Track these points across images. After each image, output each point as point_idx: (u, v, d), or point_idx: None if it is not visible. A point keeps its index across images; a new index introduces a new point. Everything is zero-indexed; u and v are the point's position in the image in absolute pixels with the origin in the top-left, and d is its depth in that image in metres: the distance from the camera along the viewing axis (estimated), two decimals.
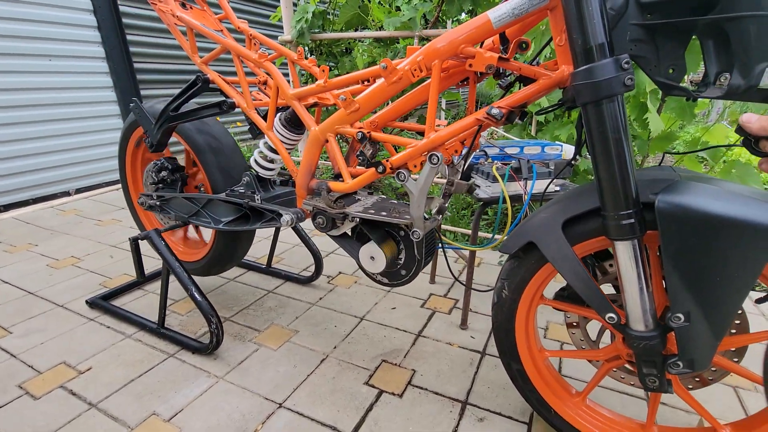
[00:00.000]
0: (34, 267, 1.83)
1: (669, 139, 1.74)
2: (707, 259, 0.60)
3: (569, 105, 0.70)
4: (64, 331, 1.35)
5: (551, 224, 0.74)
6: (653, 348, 0.67)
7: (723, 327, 0.63)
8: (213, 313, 1.15)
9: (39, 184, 2.74)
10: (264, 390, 1.09)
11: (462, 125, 0.74)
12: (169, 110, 1.08)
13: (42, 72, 2.65)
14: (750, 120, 0.56)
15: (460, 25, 0.72)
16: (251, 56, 0.97)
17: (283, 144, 1.05)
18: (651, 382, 0.70)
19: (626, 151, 0.62)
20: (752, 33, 0.51)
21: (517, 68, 0.71)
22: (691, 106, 1.51)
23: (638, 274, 0.65)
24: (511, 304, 0.86)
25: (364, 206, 1.00)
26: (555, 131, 1.73)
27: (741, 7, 0.51)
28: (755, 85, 0.52)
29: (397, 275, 1.04)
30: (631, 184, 0.63)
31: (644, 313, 0.67)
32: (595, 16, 0.59)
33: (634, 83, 0.59)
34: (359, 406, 1.04)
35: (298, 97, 0.94)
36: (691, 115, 1.51)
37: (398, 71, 0.76)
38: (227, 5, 1.19)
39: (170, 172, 1.26)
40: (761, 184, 1.44)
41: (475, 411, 1.02)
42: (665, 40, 0.61)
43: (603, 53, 0.59)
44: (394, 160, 0.81)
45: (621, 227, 0.64)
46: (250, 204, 1.08)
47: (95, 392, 1.09)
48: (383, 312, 1.47)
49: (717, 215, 0.58)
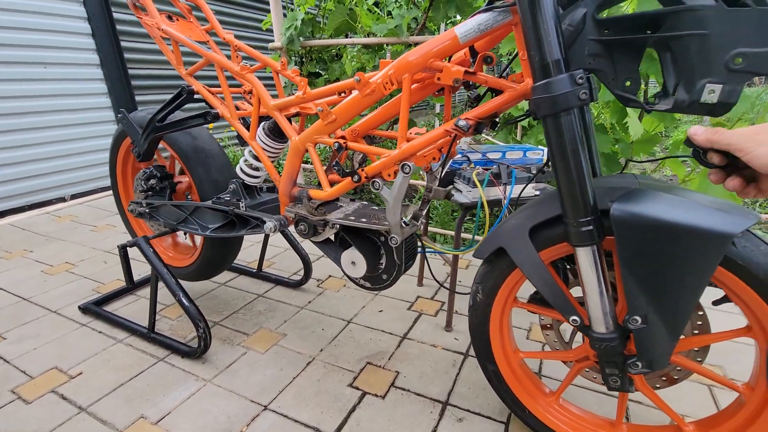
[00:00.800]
0: (28, 273, 1.86)
1: (652, 141, 1.77)
2: (660, 263, 0.63)
3: (534, 116, 0.72)
4: (57, 337, 1.38)
5: (519, 230, 0.77)
6: (614, 349, 0.70)
7: (678, 328, 0.66)
8: (200, 318, 1.18)
9: (35, 190, 2.77)
10: (250, 392, 1.12)
11: (432, 136, 0.77)
12: (155, 121, 1.11)
13: (37, 79, 2.68)
14: (696, 132, 0.58)
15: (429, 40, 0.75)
16: (233, 68, 1.00)
17: (267, 152, 1.08)
18: (613, 381, 0.72)
19: (583, 162, 0.65)
20: (693, 51, 0.54)
21: (483, 81, 0.74)
22: None
23: (598, 278, 0.68)
24: (485, 308, 0.89)
25: (344, 213, 1.03)
26: (539, 135, 1.76)
27: (683, 27, 0.54)
28: (697, 100, 0.55)
29: (379, 279, 1.07)
30: (589, 193, 0.66)
31: (605, 315, 0.69)
32: (551, 34, 0.62)
33: (589, 96, 0.62)
34: (342, 407, 1.07)
35: (279, 107, 0.97)
36: (672, 119, 1.54)
37: (371, 84, 0.79)
38: (213, 17, 1.22)
39: (159, 180, 1.29)
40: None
41: (455, 411, 1.05)
42: (621, 54, 0.64)
43: (559, 69, 0.62)
44: (368, 170, 0.84)
45: (581, 234, 0.67)
46: (235, 211, 1.11)
47: (85, 396, 1.11)
48: (371, 315, 1.49)
49: (668, 222, 0.61)
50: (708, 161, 0.58)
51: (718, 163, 0.57)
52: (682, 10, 0.54)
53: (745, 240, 0.63)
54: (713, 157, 0.57)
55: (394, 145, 0.84)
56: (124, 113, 1.20)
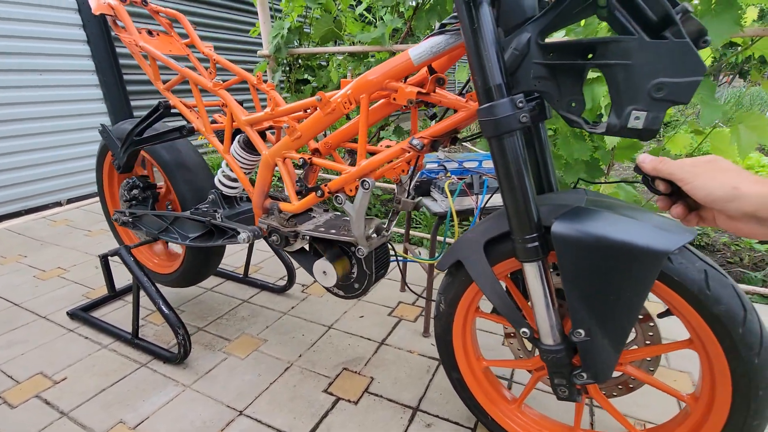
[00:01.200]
0: (21, 279, 1.90)
1: (634, 148, 1.79)
2: (599, 279, 0.65)
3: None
4: (44, 342, 1.42)
5: (475, 245, 0.79)
6: (560, 360, 0.72)
7: (621, 341, 0.69)
8: (180, 325, 1.21)
9: (31, 195, 2.82)
10: (227, 398, 1.15)
11: (389, 154, 0.80)
12: (133, 134, 1.14)
13: (33, 86, 2.73)
14: (644, 160, 0.59)
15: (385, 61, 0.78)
16: (206, 83, 1.03)
17: (242, 165, 1.11)
18: (562, 391, 0.75)
19: (526, 181, 0.68)
20: (621, 79, 0.56)
21: (438, 101, 0.77)
22: None
23: (544, 292, 0.71)
24: (448, 317, 0.92)
25: (315, 224, 1.06)
26: None
27: (611, 56, 0.57)
28: (625, 125, 0.57)
29: (351, 288, 1.10)
30: (533, 211, 0.68)
31: (551, 328, 0.72)
32: (492, 60, 0.64)
33: (530, 120, 0.65)
34: (315, 413, 1.10)
35: (250, 122, 1.00)
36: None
37: (331, 103, 0.81)
38: (193, 32, 1.25)
39: (141, 190, 1.32)
40: None
41: (425, 417, 1.08)
42: (565, 77, 0.67)
43: (501, 93, 0.65)
44: (331, 185, 0.87)
45: (526, 250, 0.69)
46: (211, 222, 1.14)
47: (68, 401, 1.15)
48: (351, 320, 1.52)
49: (605, 240, 0.63)
50: (655, 188, 0.59)
51: (664, 191, 0.57)
52: (610, 40, 0.57)
53: (682, 256, 0.66)
54: (659, 184, 0.57)
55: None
56: (104, 127, 1.23)
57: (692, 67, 0.51)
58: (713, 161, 0.53)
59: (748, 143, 1.36)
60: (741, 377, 0.65)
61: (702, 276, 0.64)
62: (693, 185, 0.52)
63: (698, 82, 0.51)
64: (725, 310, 0.63)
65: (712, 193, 0.50)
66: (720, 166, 0.52)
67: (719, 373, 0.67)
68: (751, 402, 0.65)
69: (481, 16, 0.63)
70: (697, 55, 0.50)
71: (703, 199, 0.52)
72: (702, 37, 0.57)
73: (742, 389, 0.65)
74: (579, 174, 1.71)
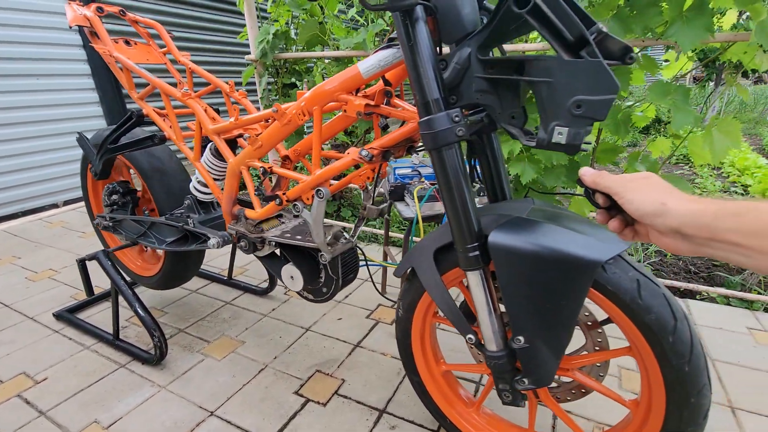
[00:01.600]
0: (13, 280, 1.95)
1: (615, 151, 1.80)
2: (535, 288, 0.67)
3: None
4: (30, 343, 1.46)
5: (426, 252, 0.81)
6: (503, 366, 0.74)
7: (560, 348, 0.70)
8: (155, 327, 1.24)
9: (29, 197, 2.88)
10: (200, 399, 1.18)
11: (340, 165, 0.82)
12: (107, 142, 1.17)
13: (30, 91, 2.78)
14: (585, 173, 0.60)
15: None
16: (176, 94, 1.06)
17: (214, 172, 1.14)
18: (505, 396, 0.77)
19: (466, 192, 0.69)
20: (545, 96, 0.58)
21: (387, 112, 0.79)
22: (625, 122, 1.57)
23: (486, 300, 0.73)
24: (406, 322, 0.94)
25: (282, 230, 1.08)
26: (505, 148, 1.79)
27: (535, 74, 0.59)
28: (550, 140, 0.59)
29: (320, 292, 1.13)
30: (473, 221, 0.70)
31: (494, 334, 0.74)
32: (429, 75, 0.66)
33: (466, 134, 0.67)
34: (284, 414, 1.12)
35: (218, 131, 1.03)
36: (626, 131, 1.57)
37: (287, 114, 0.84)
38: (170, 41, 1.28)
39: (121, 195, 1.36)
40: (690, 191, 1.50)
41: (390, 419, 1.10)
42: (505, 91, 0.69)
43: (438, 107, 0.67)
44: (289, 194, 0.90)
45: (467, 259, 0.71)
46: (184, 227, 1.17)
47: (47, 401, 1.18)
48: (329, 323, 1.55)
49: (538, 251, 0.65)
50: (595, 201, 0.61)
51: (603, 204, 0.58)
52: (533, 59, 0.58)
53: (616, 266, 0.67)
54: (599, 198, 0.58)
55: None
56: (81, 135, 1.27)
57: (606, 86, 0.53)
58: (648, 178, 0.54)
59: (721, 147, 1.37)
60: (673, 384, 0.66)
61: (634, 285, 0.66)
62: (626, 199, 0.53)
63: (612, 100, 0.53)
64: (656, 319, 0.64)
65: (642, 207, 0.51)
66: (652, 183, 0.53)
67: (654, 380, 0.68)
68: (684, 409, 0.66)
69: (417, 33, 0.65)
70: (610, 74, 0.52)
71: (635, 212, 0.53)
72: (627, 54, 0.59)
73: (674, 396, 0.67)
74: (560, 178, 1.72)
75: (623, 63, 0.61)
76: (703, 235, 0.46)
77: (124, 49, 1.22)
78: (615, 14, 1.32)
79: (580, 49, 0.54)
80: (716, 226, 0.44)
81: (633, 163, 1.66)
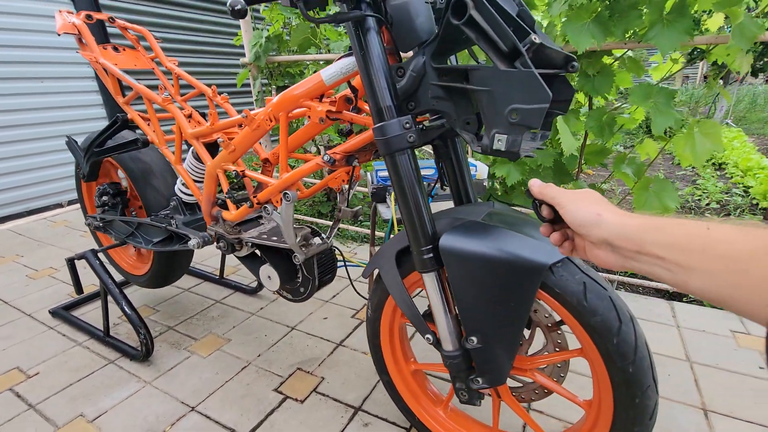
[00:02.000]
0: (14, 278, 2.01)
1: (603, 153, 1.80)
2: (485, 290, 0.69)
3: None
4: (25, 339, 1.51)
5: (388, 255, 0.84)
6: (458, 366, 0.76)
7: (511, 348, 0.72)
8: (141, 325, 1.28)
9: (34, 197, 2.96)
10: (182, 394, 1.22)
11: (305, 169, 0.85)
12: (93, 146, 1.22)
13: (34, 93, 2.85)
14: (533, 185, 0.61)
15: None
16: (157, 99, 1.10)
17: (195, 175, 1.17)
18: (462, 395, 0.79)
19: (420, 196, 0.71)
20: (485, 104, 0.60)
21: (349, 118, 0.81)
22: (610, 125, 1.57)
23: (441, 301, 0.74)
24: (375, 322, 0.96)
25: (260, 231, 1.11)
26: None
27: (476, 83, 0.60)
28: (491, 146, 0.60)
29: (297, 292, 1.15)
30: (426, 224, 0.72)
31: (450, 334, 0.76)
32: (381, 83, 0.68)
33: (417, 140, 0.69)
34: (262, 410, 1.16)
35: (196, 135, 1.06)
36: (610, 134, 1.57)
37: (256, 120, 0.87)
38: (157, 47, 1.32)
39: (111, 197, 1.40)
40: (677, 199, 1.50)
41: (364, 416, 1.13)
42: (459, 98, 0.70)
43: (390, 114, 0.69)
44: (260, 196, 0.92)
45: (422, 261, 0.73)
46: (167, 228, 1.21)
47: (37, 395, 1.23)
48: (315, 322, 1.58)
49: (484, 255, 0.67)
50: (540, 213, 0.60)
51: (547, 216, 0.59)
52: (473, 68, 0.60)
53: (564, 269, 0.68)
54: (544, 210, 0.59)
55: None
56: (70, 138, 1.31)
57: (537, 95, 0.54)
58: (588, 192, 0.55)
59: (703, 150, 1.37)
60: (619, 385, 0.67)
61: (581, 288, 0.67)
62: (567, 209, 0.54)
63: (545, 109, 0.54)
64: (601, 321, 0.66)
65: (580, 217, 0.52)
66: (592, 196, 0.54)
67: (602, 381, 0.70)
68: (630, 409, 0.68)
69: (369, 42, 0.67)
70: (542, 84, 0.54)
71: (572, 222, 0.54)
72: (569, 63, 0.61)
73: (621, 397, 0.68)
74: (548, 179, 1.73)
75: (566, 71, 0.62)
76: (630, 248, 0.47)
77: (112, 55, 1.26)
78: (595, 18, 1.33)
79: (515, 60, 0.56)
80: (642, 238, 0.45)
81: (619, 165, 1.66)
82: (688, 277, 0.42)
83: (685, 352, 1.35)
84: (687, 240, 0.42)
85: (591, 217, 0.51)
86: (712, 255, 0.40)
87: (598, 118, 1.56)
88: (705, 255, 0.40)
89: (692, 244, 0.42)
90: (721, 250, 0.39)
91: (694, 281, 0.41)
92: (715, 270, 0.39)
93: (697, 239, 0.42)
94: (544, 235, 0.63)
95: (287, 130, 0.84)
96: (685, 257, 0.42)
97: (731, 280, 0.38)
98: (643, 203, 1.51)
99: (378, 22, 0.68)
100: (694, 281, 0.41)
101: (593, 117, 1.56)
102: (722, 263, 0.39)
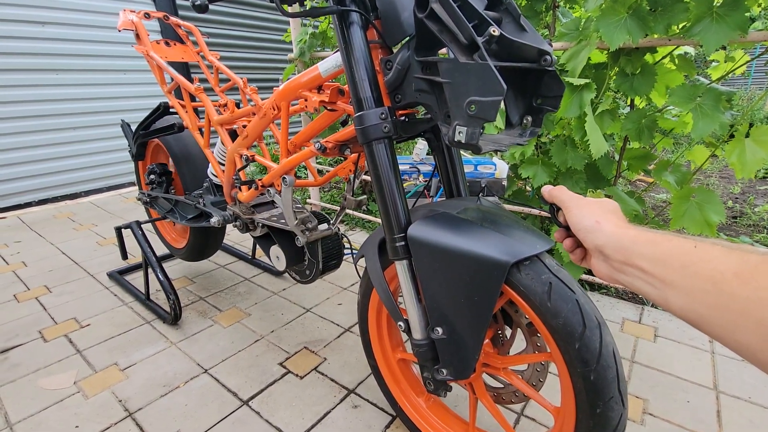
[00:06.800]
0: (87, 243, 2.31)
1: (646, 158, 1.67)
2: (449, 282, 0.70)
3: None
4: (84, 295, 1.74)
5: (372, 242, 0.87)
6: (425, 354, 0.77)
7: (476, 342, 0.72)
8: (171, 291, 1.43)
9: (111, 175, 3.36)
10: (200, 357, 1.34)
11: (301, 155, 0.90)
12: (139, 129, 1.37)
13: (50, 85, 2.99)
14: (545, 190, 0.61)
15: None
16: (190, 88, 1.22)
17: (221, 157, 1.28)
18: (428, 384, 0.80)
19: (395, 185, 0.74)
20: (448, 96, 0.61)
21: (342, 109, 0.85)
22: (650, 128, 1.46)
23: (410, 289, 0.76)
24: (363, 308, 1.00)
25: (271, 214, 1.19)
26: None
27: (441, 75, 0.61)
28: (453, 138, 0.61)
29: (303, 274, 1.23)
30: (400, 212, 0.74)
31: (418, 323, 0.77)
32: (362, 75, 0.71)
33: (392, 131, 0.71)
34: (264, 381, 1.24)
35: (221, 122, 1.16)
36: (650, 137, 1.46)
37: (263, 109, 0.94)
38: (203, 42, 1.45)
39: (158, 175, 1.57)
40: (722, 213, 1.36)
41: (356, 399, 1.17)
42: (440, 91, 0.72)
43: (369, 104, 0.72)
44: (264, 180, 1.00)
45: (395, 249, 0.76)
46: (196, 206, 1.33)
47: (84, 342, 1.42)
48: (329, 306, 1.65)
49: (450, 246, 0.68)
50: (557, 218, 0.60)
51: (563, 222, 0.58)
52: (436, 61, 0.61)
53: (531, 268, 0.67)
54: (561, 215, 0.59)
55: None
56: (123, 122, 1.49)
57: (492, 88, 0.54)
58: (603, 201, 0.54)
59: (754, 159, 1.22)
60: (580, 392, 0.65)
61: (546, 288, 0.65)
62: (571, 212, 0.55)
63: (499, 102, 0.54)
64: (563, 324, 0.64)
65: (580, 221, 0.53)
66: (603, 206, 0.53)
67: (565, 387, 0.67)
68: (591, 419, 0.65)
69: (351, 35, 0.71)
70: (496, 77, 0.54)
71: (573, 225, 0.54)
72: (542, 56, 0.60)
73: (581, 405, 0.65)
74: (578, 184, 1.65)
75: (539, 66, 0.61)
76: (619, 258, 0.46)
77: (163, 50, 1.41)
78: (633, 12, 1.24)
79: (474, 53, 0.56)
80: (632, 250, 0.45)
81: (661, 172, 1.54)
82: (668, 294, 0.40)
83: (713, 380, 1.22)
84: (670, 255, 0.41)
85: (590, 224, 0.51)
86: (691, 272, 0.39)
87: (638, 120, 1.45)
88: (684, 271, 0.39)
89: (674, 260, 0.40)
90: (700, 268, 0.38)
91: (673, 298, 0.40)
92: (691, 288, 0.38)
93: (681, 255, 0.40)
94: (557, 240, 0.62)
95: (288, 118, 0.90)
96: (667, 272, 0.41)
97: (706, 300, 0.37)
98: (682, 214, 1.39)
99: (362, 16, 0.71)
100: (673, 298, 0.40)
101: (631, 118, 1.45)
102: (699, 281, 0.38)
